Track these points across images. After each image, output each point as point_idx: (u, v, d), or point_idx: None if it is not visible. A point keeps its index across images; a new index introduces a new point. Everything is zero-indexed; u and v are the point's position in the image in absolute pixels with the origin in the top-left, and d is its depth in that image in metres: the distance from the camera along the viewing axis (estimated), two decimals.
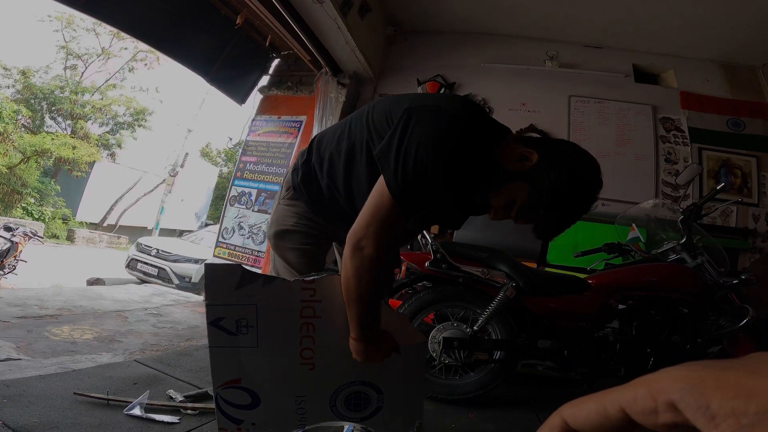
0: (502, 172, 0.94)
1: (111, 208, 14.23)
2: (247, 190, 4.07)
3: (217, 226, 4.29)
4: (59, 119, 13.05)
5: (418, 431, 1.11)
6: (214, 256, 4.07)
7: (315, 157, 1.15)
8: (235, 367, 0.95)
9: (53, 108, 12.65)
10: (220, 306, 0.91)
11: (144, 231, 13.91)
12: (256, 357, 0.95)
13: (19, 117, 11.19)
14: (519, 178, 0.93)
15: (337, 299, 0.95)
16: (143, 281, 6.09)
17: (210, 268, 0.91)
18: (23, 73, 12.30)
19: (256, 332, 0.93)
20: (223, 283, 0.90)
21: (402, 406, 1.11)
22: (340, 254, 1.36)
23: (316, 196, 1.16)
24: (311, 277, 0.95)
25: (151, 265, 6.30)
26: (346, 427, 0.99)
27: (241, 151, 4.38)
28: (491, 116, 1.05)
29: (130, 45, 13.59)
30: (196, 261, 6.20)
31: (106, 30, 12.95)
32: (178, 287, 5.73)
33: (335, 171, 1.10)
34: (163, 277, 6.16)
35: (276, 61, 4.55)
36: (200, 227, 14.04)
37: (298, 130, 4.05)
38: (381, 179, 0.89)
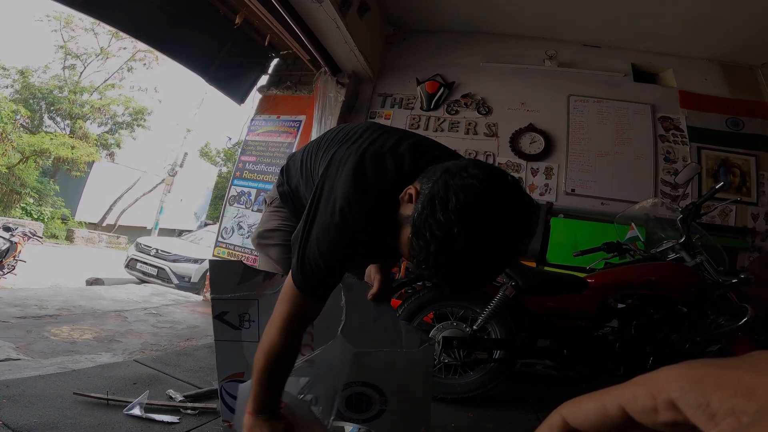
0: (396, 220, 0.81)
1: (110, 208, 14.22)
2: (246, 189, 4.07)
3: (217, 226, 4.28)
4: (58, 119, 13.03)
5: None
6: (214, 255, 4.06)
7: (286, 183, 1.22)
8: (239, 361, 0.98)
9: (52, 108, 12.63)
10: (225, 300, 0.94)
11: (143, 231, 13.89)
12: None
13: (18, 117, 11.17)
14: (405, 223, 0.77)
15: (334, 297, 0.97)
16: (142, 281, 6.08)
17: (214, 265, 0.96)
18: (22, 72, 12.28)
19: (258, 326, 0.96)
20: (227, 279, 0.94)
21: (407, 411, 1.09)
22: None
23: (299, 208, 1.22)
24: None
25: (151, 265, 6.29)
26: (349, 429, 0.99)
27: (240, 150, 4.38)
28: (422, 148, 0.92)
29: (128, 45, 13.57)
30: (196, 261, 6.19)
31: (104, 30, 12.93)
32: (178, 287, 5.72)
33: (303, 201, 1.15)
34: (162, 276, 6.15)
35: (275, 61, 4.54)
36: (199, 227, 14.03)
37: (298, 130, 4.05)
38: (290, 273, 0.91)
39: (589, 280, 1.95)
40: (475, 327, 1.88)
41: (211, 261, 0.97)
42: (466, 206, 0.66)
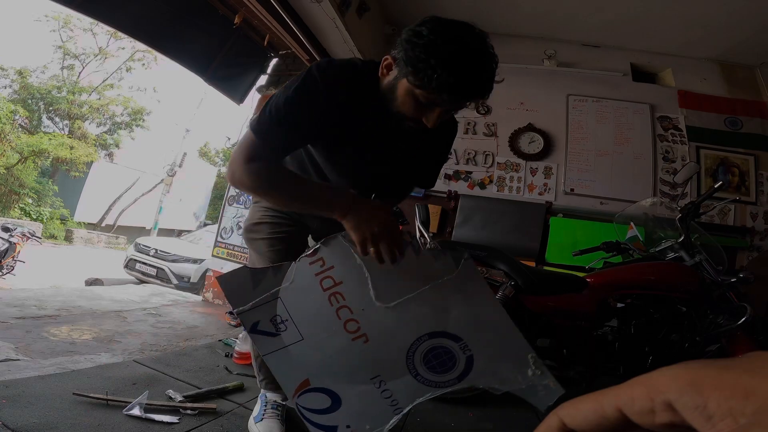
0: (388, 92, 0.97)
1: (109, 209, 14.20)
2: None
3: (216, 226, 4.28)
4: (56, 119, 13.02)
5: (535, 363, 0.96)
6: (213, 255, 4.06)
7: None
8: (296, 368, 0.90)
9: (50, 108, 12.62)
10: (250, 310, 0.88)
11: (142, 231, 13.88)
12: (308, 350, 0.89)
13: (17, 117, 11.15)
14: (399, 79, 0.94)
15: (348, 258, 0.90)
16: (142, 281, 6.08)
17: (222, 280, 0.90)
18: (20, 73, 12.26)
19: (294, 323, 0.89)
20: (241, 289, 0.89)
21: (496, 340, 0.95)
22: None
23: None
24: (312, 248, 0.91)
25: (150, 265, 6.29)
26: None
27: None
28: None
29: (127, 45, 13.58)
30: (195, 261, 6.18)
31: (103, 30, 12.93)
32: (177, 287, 5.72)
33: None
34: (161, 277, 6.15)
35: (274, 61, 4.54)
36: (199, 227, 14.03)
37: None
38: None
39: (588, 280, 1.95)
40: None
41: (217, 278, 0.91)
42: (433, 30, 0.87)
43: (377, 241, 0.89)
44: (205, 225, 12.49)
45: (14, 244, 5.24)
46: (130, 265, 6.50)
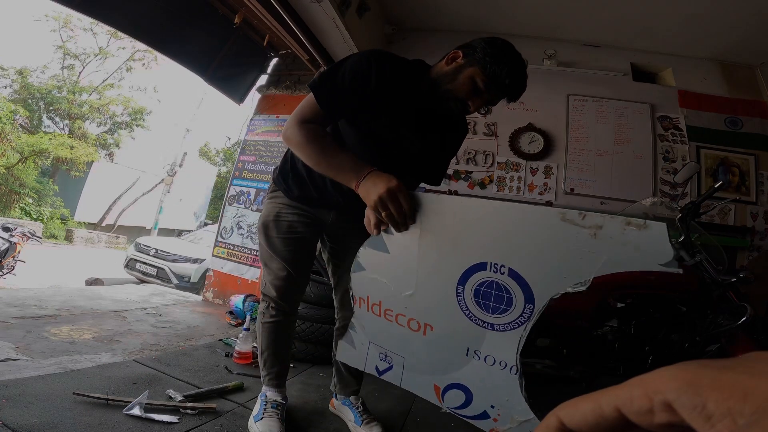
0: (447, 76, 1.16)
1: (109, 208, 14.20)
2: (245, 189, 4.07)
3: (216, 226, 4.28)
4: (57, 119, 13.02)
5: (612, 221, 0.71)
6: (213, 255, 4.06)
7: (289, 161, 1.37)
8: (422, 381, 1.00)
9: (51, 108, 12.62)
10: (367, 361, 1.08)
11: (143, 231, 13.90)
12: (415, 363, 1.00)
13: (17, 117, 11.16)
14: (466, 67, 1.14)
15: (369, 281, 1.01)
16: (142, 281, 6.08)
17: (341, 358, 1.13)
18: (20, 72, 12.27)
19: (393, 352, 1.03)
20: (351, 354, 1.10)
21: (518, 235, 0.77)
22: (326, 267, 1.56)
23: (294, 183, 1.34)
24: (351, 297, 1.06)
25: (150, 265, 6.29)
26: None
27: (239, 150, 4.37)
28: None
29: (127, 44, 13.58)
30: (195, 261, 6.19)
31: (103, 30, 12.93)
32: (177, 287, 5.72)
33: (302, 174, 1.33)
34: (162, 276, 6.15)
35: (274, 60, 4.54)
36: (199, 227, 14.04)
37: None
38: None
39: None
40: None
41: (338, 360, 1.16)
42: (504, 43, 1.15)
43: (385, 203, 0.89)
44: (206, 225, 12.51)
45: (14, 243, 5.24)
46: (130, 264, 6.51)
